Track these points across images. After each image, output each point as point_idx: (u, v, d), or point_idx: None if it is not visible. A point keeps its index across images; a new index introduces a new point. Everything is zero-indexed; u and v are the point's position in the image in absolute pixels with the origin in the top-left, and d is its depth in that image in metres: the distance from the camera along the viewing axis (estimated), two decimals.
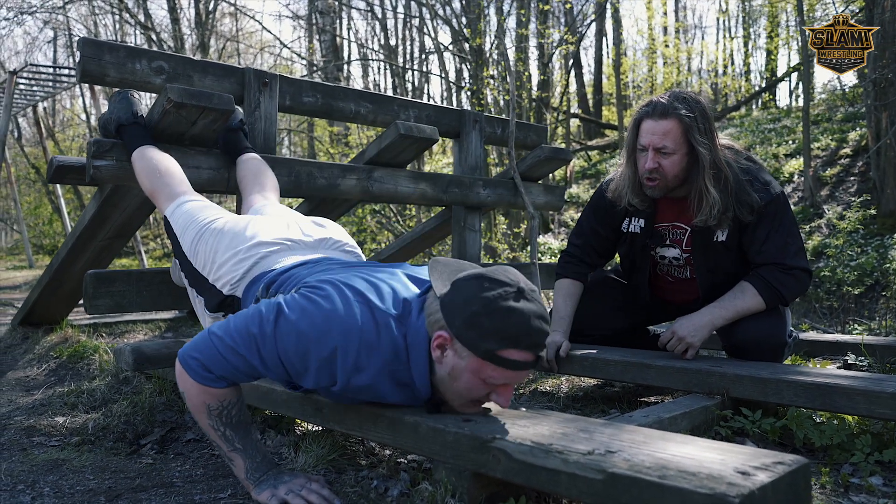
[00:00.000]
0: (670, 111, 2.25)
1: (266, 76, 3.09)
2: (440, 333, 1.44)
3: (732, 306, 2.28)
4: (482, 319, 1.39)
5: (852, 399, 1.83)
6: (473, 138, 4.01)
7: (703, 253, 2.41)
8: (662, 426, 1.83)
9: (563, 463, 1.22)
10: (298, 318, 1.47)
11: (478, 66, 11.53)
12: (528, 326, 1.39)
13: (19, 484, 1.77)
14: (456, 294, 1.44)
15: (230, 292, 1.94)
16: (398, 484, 1.64)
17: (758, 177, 2.32)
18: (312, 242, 2.04)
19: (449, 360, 1.45)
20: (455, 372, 1.45)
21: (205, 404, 1.54)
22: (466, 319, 1.40)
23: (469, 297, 1.41)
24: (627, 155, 2.42)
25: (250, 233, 2.00)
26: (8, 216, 22.02)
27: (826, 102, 13.53)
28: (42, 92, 9.27)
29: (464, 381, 1.46)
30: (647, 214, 2.48)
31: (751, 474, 1.08)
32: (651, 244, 2.51)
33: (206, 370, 1.51)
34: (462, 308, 1.41)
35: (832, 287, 5.93)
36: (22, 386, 3.01)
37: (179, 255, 2.17)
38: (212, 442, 1.56)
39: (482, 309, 1.39)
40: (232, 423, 1.56)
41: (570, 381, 2.96)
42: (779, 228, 2.30)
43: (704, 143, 2.24)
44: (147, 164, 2.46)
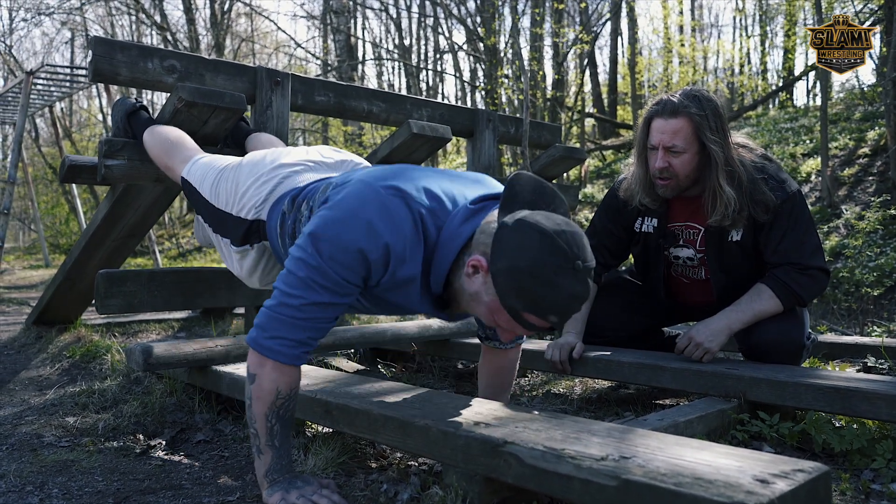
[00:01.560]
0: (680, 109, 2.22)
1: (278, 75, 3.08)
2: (480, 259, 1.42)
3: (749, 309, 2.24)
4: (525, 279, 1.35)
5: (873, 403, 1.79)
6: (487, 137, 3.98)
7: (717, 253, 2.37)
8: (678, 430, 1.79)
9: (576, 468, 1.19)
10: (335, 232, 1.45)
11: (492, 66, 11.50)
12: (560, 304, 1.37)
13: (28, 485, 1.76)
14: (515, 237, 1.37)
15: (255, 216, 1.94)
16: (408, 488, 1.61)
17: (773, 175, 2.28)
18: (333, 163, 2.06)
19: (475, 284, 1.45)
20: (476, 296, 1.47)
21: (276, 390, 1.50)
22: (510, 270, 1.36)
23: (524, 248, 1.35)
24: (638, 154, 2.39)
25: (270, 158, 2.02)
26: (25, 216, 22.24)
27: (844, 101, 13.38)
28: (59, 92, 9.32)
29: (478, 308, 1.49)
30: (660, 214, 2.44)
31: (770, 482, 1.04)
32: (664, 244, 2.47)
33: (294, 343, 1.49)
34: (513, 256, 1.36)
35: (851, 288, 5.84)
36: (35, 385, 3.02)
37: (200, 206, 2.16)
38: (251, 430, 1.53)
39: (530, 270, 1.34)
40: (284, 419, 1.53)
41: (584, 382, 2.93)
42: (795, 227, 2.25)
43: (716, 141, 2.21)
44: (158, 138, 2.51)
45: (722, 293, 2.41)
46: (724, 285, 2.40)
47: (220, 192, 2.06)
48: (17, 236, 25.13)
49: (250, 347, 1.53)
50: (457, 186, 1.60)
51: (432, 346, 3.11)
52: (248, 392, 1.53)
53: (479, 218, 1.51)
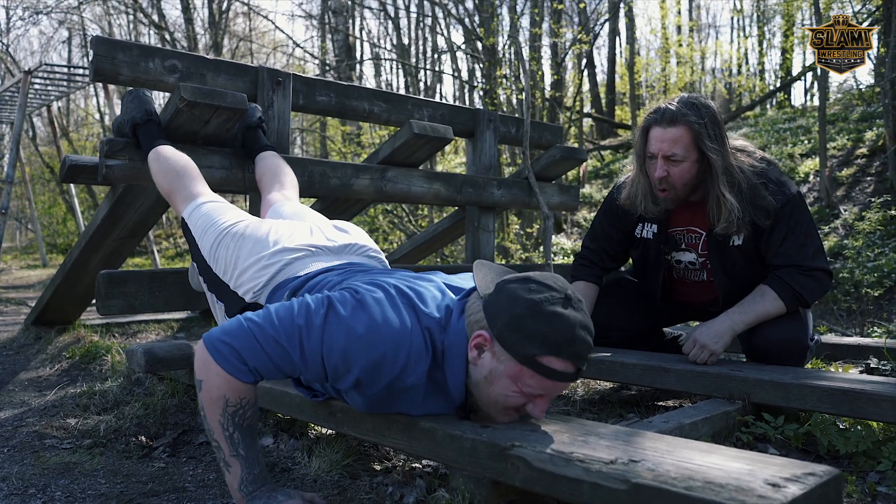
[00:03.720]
0: (679, 118, 2.21)
1: (279, 75, 3.07)
2: (480, 333, 1.39)
3: (752, 311, 2.23)
4: (526, 322, 1.34)
5: (879, 405, 1.78)
6: (488, 138, 3.97)
7: (719, 258, 2.36)
8: (683, 432, 1.79)
9: (586, 472, 1.19)
10: (350, 316, 1.41)
11: (491, 66, 11.49)
12: (572, 335, 1.34)
13: (31, 488, 1.75)
14: (500, 295, 1.39)
15: (253, 300, 1.87)
16: (414, 491, 1.61)
17: (772, 178, 2.27)
18: (336, 248, 1.98)
19: (486, 363, 1.40)
20: (492, 376, 1.40)
21: (223, 398, 1.41)
22: (509, 321, 1.35)
23: (514, 298, 1.37)
24: (638, 163, 2.37)
25: (273, 238, 1.94)
26: (23, 215, 22.18)
27: (842, 102, 13.39)
28: (56, 91, 9.30)
29: (500, 387, 1.40)
30: (660, 220, 2.44)
31: (781, 486, 1.04)
32: (665, 249, 2.47)
33: (238, 359, 1.40)
34: (506, 308, 1.36)
35: (850, 289, 5.85)
36: (34, 386, 3.01)
37: (197, 259, 2.11)
38: (213, 443, 1.45)
39: (527, 311, 1.34)
40: (242, 427, 1.43)
41: (586, 384, 2.92)
42: (795, 230, 2.25)
43: (715, 148, 2.20)
44: (163, 165, 2.43)
45: (726, 296, 2.41)
46: (728, 289, 2.40)
47: (219, 257, 1.99)
48: (15, 236, 25.06)
49: (200, 343, 1.44)
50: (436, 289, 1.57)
51: None
52: (200, 401, 1.45)
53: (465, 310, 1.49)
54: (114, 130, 2.67)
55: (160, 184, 2.43)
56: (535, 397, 1.41)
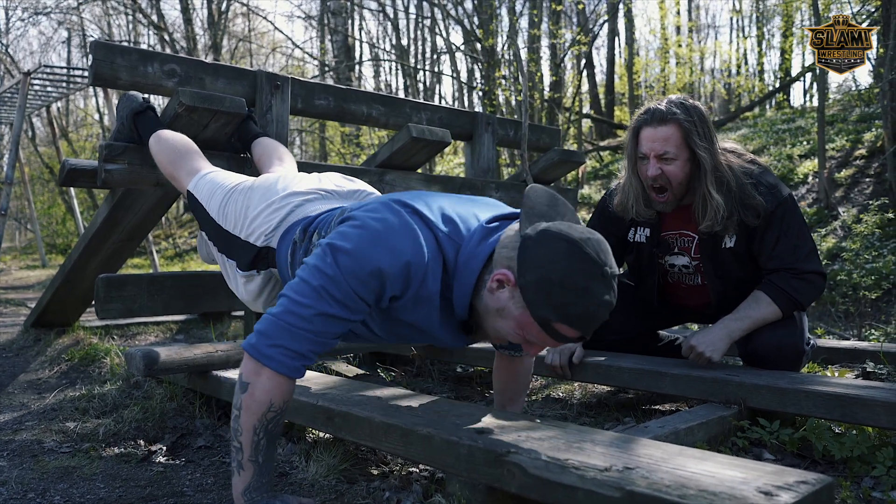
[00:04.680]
0: (669, 117, 2.22)
1: (278, 79, 3.08)
2: (506, 273, 1.41)
3: (748, 317, 2.24)
4: (556, 289, 1.35)
5: (873, 411, 1.79)
6: (486, 141, 3.98)
7: (712, 261, 2.37)
8: (679, 437, 1.80)
9: (580, 479, 1.20)
10: (357, 245, 1.44)
11: (490, 67, 11.50)
12: (592, 312, 1.37)
13: (30, 492, 1.76)
14: (541, 247, 1.37)
15: (264, 243, 1.90)
16: (410, 496, 1.62)
17: (762, 180, 2.28)
18: (346, 192, 2.03)
19: (502, 300, 1.44)
20: (503, 313, 1.45)
21: (269, 402, 1.43)
22: (539, 280, 1.36)
23: (553, 259, 1.36)
24: (630, 166, 2.38)
25: (282, 185, 1.99)
26: (22, 215, 22.19)
27: (841, 102, 13.41)
28: (56, 92, 9.30)
29: (505, 325, 1.46)
30: (653, 224, 2.45)
31: (774, 495, 1.05)
32: (658, 253, 2.48)
33: (296, 355, 1.43)
34: (542, 266, 1.36)
35: (848, 291, 5.86)
36: (34, 389, 3.01)
37: (206, 223, 2.12)
38: (234, 443, 1.45)
39: (560, 280, 1.35)
40: (272, 434, 1.46)
41: (584, 387, 2.93)
42: (788, 232, 2.25)
43: (705, 147, 2.21)
44: (164, 146, 2.47)
45: (719, 300, 2.42)
46: (721, 292, 2.41)
47: (229, 213, 2.02)
48: (14, 236, 25.06)
49: (246, 354, 1.46)
50: (468, 209, 1.60)
51: (432, 351, 3.12)
52: (238, 402, 1.45)
53: (495, 236, 1.50)
54: (113, 137, 2.67)
55: (162, 164, 2.46)
56: (533, 345, 1.47)
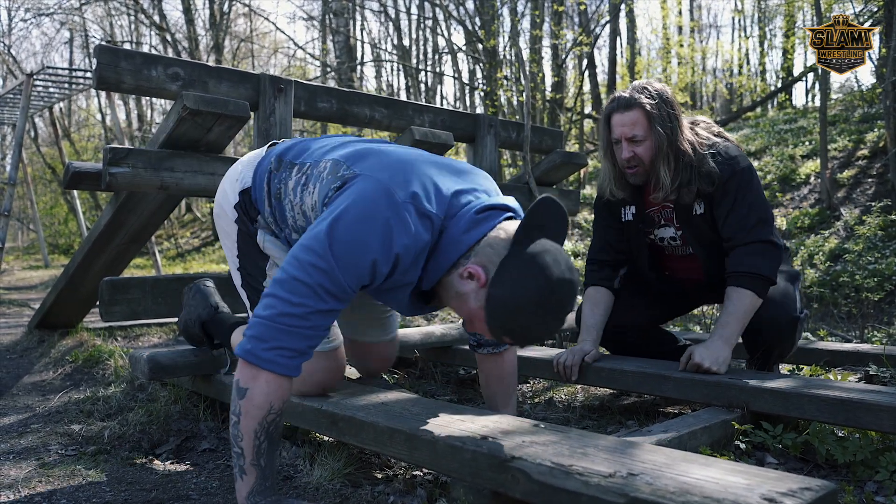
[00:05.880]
0: (633, 102, 2.37)
1: (281, 82, 3.09)
2: (479, 271, 1.48)
3: (733, 316, 2.28)
4: (513, 313, 1.43)
5: (877, 415, 1.80)
6: (488, 143, 3.99)
7: (689, 227, 2.48)
8: (682, 441, 1.80)
9: (584, 485, 1.20)
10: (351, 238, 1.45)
11: (491, 67, 11.50)
12: (534, 337, 1.50)
13: (36, 495, 1.77)
14: (521, 270, 1.43)
15: (242, 187, 1.89)
16: (415, 500, 1.62)
17: (722, 151, 2.39)
18: None
19: (467, 289, 1.52)
20: (464, 297, 1.53)
21: (269, 405, 1.44)
22: (505, 301, 1.43)
23: (525, 287, 1.42)
24: (605, 152, 2.51)
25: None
26: (24, 216, 22.22)
27: (843, 103, 13.39)
28: (58, 93, 9.32)
29: (459, 307, 1.56)
30: (637, 202, 2.56)
31: (778, 501, 1.05)
32: (645, 228, 2.59)
33: (295, 353, 1.45)
34: (512, 289, 1.43)
35: (851, 292, 5.86)
36: (38, 390, 3.02)
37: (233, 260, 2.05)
38: (235, 449, 1.46)
39: (523, 307, 1.42)
40: (272, 436, 1.46)
41: (586, 390, 2.93)
42: (741, 202, 2.34)
43: (669, 126, 2.35)
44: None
45: (708, 267, 2.50)
46: (707, 256, 2.50)
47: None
48: (16, 236, 25.11)
49: (242, 360, 1.46)
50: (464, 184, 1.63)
51: (434, 353, 3.12)
52: (237, 408, 1.45)
53: (481, 228, 1.53)
54: (182, 332, 2.39)
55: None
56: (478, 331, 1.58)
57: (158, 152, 2.73)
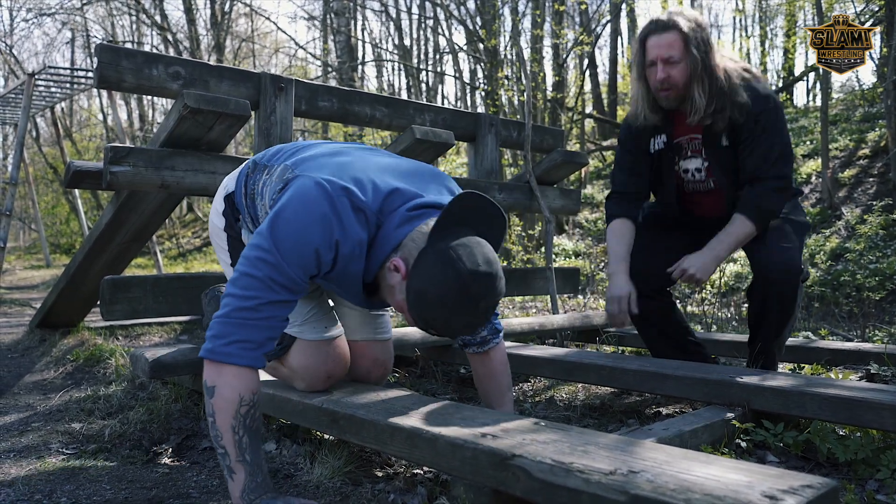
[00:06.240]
0: (670, 24, 2.45)
1: (282, 81, 3.09)
2: (401, 265, 1.55)
3: (728, 238, 2.41)
4: (429, 306, 1.51)
5: (879, 413, 1.79)
6: (489, 142, 3.99)
7: (715, 157, 2.52)
8: (683, 439, 1.80)
9: (585, 483, 1.20)
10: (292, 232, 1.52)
11: (492, 67, 11.50)
12: (452, 330, 1.58)
13: (37, 493, 1.77)
14: (434, 264, 1.50)
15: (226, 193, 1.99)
16: (415, 498, 1.62)
17: (753, 86, 2.46)
18: None
19: (393, 282, 1.60)
20: (391, 290, 1.62)
21: (238, 398, 1.46)
22: (420, 293, 1.52)
23: (437, 282, 1.49)
24: (637, 75, 2.56)
25: None
26: (26, 215, 22.24)
27: (844, 102, 13.38)
28: (60, 93, 9.32)
29: (391, 299, 1.65)
30: (668, 131, 2.59)
31: (779, 499, 1.05)
32: (674, 156, 2.61)
33: (254, 345, 1.49)
34: (426, 282, 1.51)
35: (852, 292, 5.85)
36: (39, 389, 3.03)
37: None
38: (219, 449, 1.47)
39: (436, 301, 1.50)
40: (251, 429, 1.48)
41: (587, 389, 2.93)
42: (765, 136, 2.42)
43: (702, 49, 2.42)
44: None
45: (730, 199, 2.53)
46: (730, 186, 2.53)
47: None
48: (18, 236, 25.13)
49: (206, 361, 1.49)
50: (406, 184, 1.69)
51: (435, 352, 3.12)
52: (210, 408, 1.48)
53: (413, 224, 1.60)
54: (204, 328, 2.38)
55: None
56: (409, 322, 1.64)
57: (159, 151, 2.72)
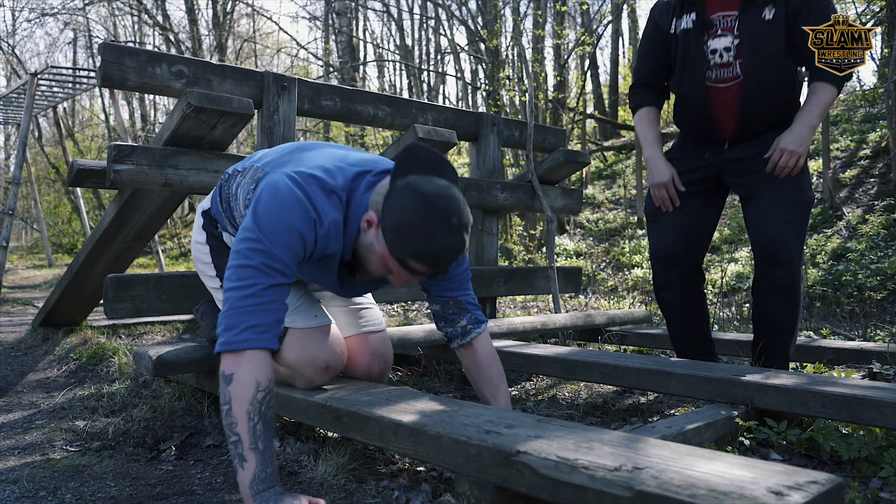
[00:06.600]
0: None
1: (285, 80, 3.09)
2: (372, 215, 1.66)
3: (815, 107, 2.42)
4: (407, 233, 1.59)
5: (881, 411, 1.80)
6: (491, 141, 3.99)
7: (750, 34, 2.47)
8: (686, 437, 1.80)
9: (590, 479, 1.20)
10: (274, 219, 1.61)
11: (494, 67, 11.50)
12: (439, 253, 1.61)
13: (41, 490, 1.77)
14: (401, 197, 1.61)
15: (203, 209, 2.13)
16: (419, 495, 1.62)
17: None
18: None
19: (370, 238, 1.69)
20: (370, 248, 1.70)
21: (256, 382, 1.50)
22: (395, 225, 1.60)
23: (407, 208, 1.59)
24: None
25: None
26: (28, 215, 22.26)
27: (845, 103, 13.37)
28: (62, 93, 9.33)
29: (374, 260, 1.71)
30: (698, 8, 2.57)
31: (784, 495, 1.05)
32: (703, 34, 2.56)
33: (264, 327, 1.56)
34: (397, 211, 1.60)
35: (853, 291, 5.85)
36: (43, 388, 3.03)
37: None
38: (231, 437, 1.48)
39: (411, 225, 1.58)
40: (266, 417, 1.50)
41: (589, 388, 2.94)
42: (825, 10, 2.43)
43: None
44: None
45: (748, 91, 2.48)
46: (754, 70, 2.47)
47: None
48: (20, 235, 25.15)
49: (222, 354, 1.54)
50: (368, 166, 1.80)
51: (437, 351, 3.12)
52: (226, 396, 1.50)
53: (375, 187, 1.73)
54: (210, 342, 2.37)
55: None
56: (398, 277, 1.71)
57: (162, 150, 2.73)
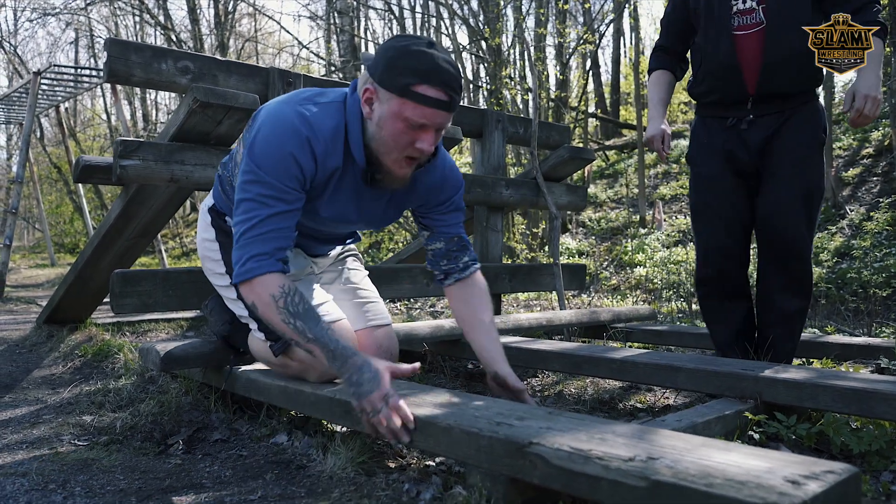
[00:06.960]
0: None
1: (290, 76, 3.09)
2: (366, 87, 1.69)
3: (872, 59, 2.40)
4: (397, 61, 1.62)
5: (892, 404, 1.79)
6: (496, 138, 3.99)
7: None
8: (696, 431, 1.80)
9: (605, 469, 1.20)
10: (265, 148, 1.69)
11: (496, 66, 11.50)
12: (437, 64, 1.62)
13: (51, 483, 1.77)
14: (377, 53, 1.69)
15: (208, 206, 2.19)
16: (430, 488, 1.62)
17: None
18: None
19: (376, 111, 1.69)
20: (382, 121, 1.68)
21: (271, 297, 1.67)
22: (384, 64, 1.64)
23: (386, 48, 1.66)
24: None
25: None
26: (30, 215, 22.27)
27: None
28: (64, 92, 9.34)
29: (389, 128, 1.67)
30: None
31: (801, 483, 1.05)
32: None
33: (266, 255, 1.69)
34: (381, 58, 1.66)
35: (858, 289, 5.84)
36: (48, 384, 3.03)
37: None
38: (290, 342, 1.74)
39: (396, 53, 1.63)
40: (300, 313, 1.66)
41: (596, 383, 2.93)
42: None
43: None
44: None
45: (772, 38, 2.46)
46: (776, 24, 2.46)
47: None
48: (22, 235, 25.16)
49: (237, 285, 1.73)
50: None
51: (443, 347, 3.12)
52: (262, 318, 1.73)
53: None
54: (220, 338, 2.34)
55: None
56: (421, 132, 1.67)
57: (169, 145, 2.73)
